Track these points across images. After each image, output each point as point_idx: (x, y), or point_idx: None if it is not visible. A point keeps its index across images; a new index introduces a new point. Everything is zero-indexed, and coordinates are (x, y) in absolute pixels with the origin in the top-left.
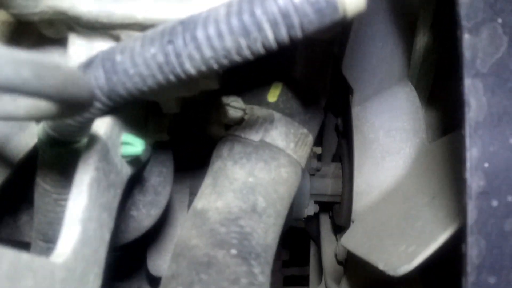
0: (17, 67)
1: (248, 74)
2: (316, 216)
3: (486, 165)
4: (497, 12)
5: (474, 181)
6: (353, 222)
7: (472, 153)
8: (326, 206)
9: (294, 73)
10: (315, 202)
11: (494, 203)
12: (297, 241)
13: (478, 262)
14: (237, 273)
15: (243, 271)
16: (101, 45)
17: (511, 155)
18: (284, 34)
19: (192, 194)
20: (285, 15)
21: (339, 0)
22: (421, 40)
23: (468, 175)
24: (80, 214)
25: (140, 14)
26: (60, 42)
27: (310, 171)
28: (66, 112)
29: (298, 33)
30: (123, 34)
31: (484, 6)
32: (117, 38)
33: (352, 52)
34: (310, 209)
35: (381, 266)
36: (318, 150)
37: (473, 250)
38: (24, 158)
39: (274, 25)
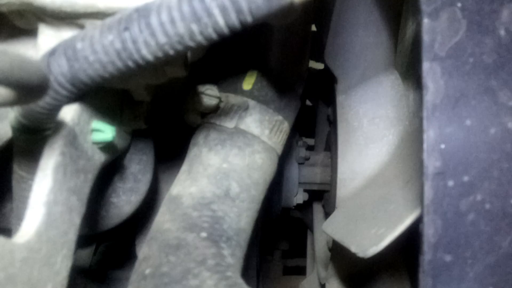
0: None
1: (223, 62)
2: (310, 205)
3: (443, 146)
4: None
5: (430, 162)
6: (336, 208)
7: (429, 134)
8: (317, 195)
9: (269, 61)
10: (305, 190)
11: (450, 183)
12: (296, 231)
13: (434, 241)
14: (205, 255)
15: (211, 252)
16: (68, 34)
17: (467, 136)
18: (234, 19)
19: None
20: (234, 0)
21: None
22: (410, 29)
23: (425, 156)
24: (44, 196)
25: (101, 3)
26: (32, 33)
27: (299, 160)
28: (21, 98)
29: (248, 18)
30: (88, 23)
31: None
32: (82, 27)
33: (334, 40)
34: (300, 198)
35: (353, 248)
36: (311, 141)
37: (430, 229)
38: (4, 147)
39: (223, 10)
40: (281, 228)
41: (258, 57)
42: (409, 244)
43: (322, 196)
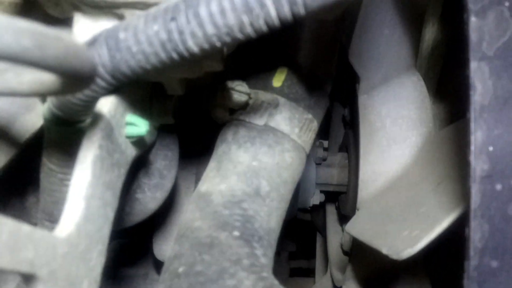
0: (17, 35)
1: (254, 59)
2: (322, 206)
3: (491, 148)
4: None
5: (478, 165)
6: (358, 210)
7: (477, 136)
8: (332, 196)
9: (300, 59)
10: (321, 191)
11: (498, 186)
12: (304, 233)
13: (480, 246)
14: (239, 254)
15: (245, 252)
16: (105, 24)
17: None
18: (286, 11)
19: (198, 181)
20: None
21: None
22: (430, 31)
23: (472, 158)
24: (84, 190)
25: None
26: (66, 22)
27: (316, 161)
28: (68, 87)
29: (301, 10)
30: (127, 13)
31: None
32: (121, 17)
33: (359, 39)
34: (316, 199)
35: (384, 250)
36: (325, 143)
37: (476, 234)
38: (31, 139)
39: (276, 1)
40: (288, 230)
41: (288, 53)
42: (430, 248)
43: (336, 197)
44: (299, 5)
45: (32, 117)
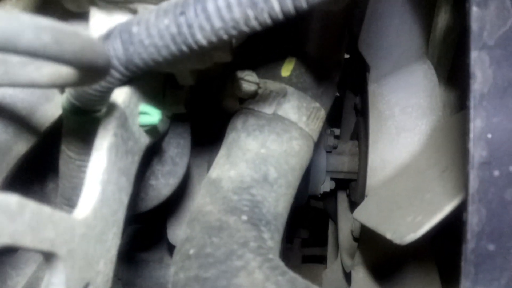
0: (38, 32)
1: (262, 49)
2: (334, 194)
3: (489, 135)
4: None
5: (476, 151)
6: (366, 197)
7: (476, 123)
8: (343, 184)
9: (308, 48)
10: (332, 178)
11: (496, 173)
12: (316, 220)
13: (478, 230)
14: (246, 237)
15: (253, 235)
16: (120, 18)
17: None
18: (289, 5)
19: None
20: None
21: None
22: (442, 19)
23: (471, 145)
24: (100, 175)
25: None
26: (82, 16)
27: (327, 148)
28: (85, 79)
29: (304, 4)
30: (140, 7)
31: None
32: (135, 12)
33: (369, 28)
34: (326, 186)
35: (388, 235)
36: (337, 131)
37: (474, 218)
38: (50, 128)
39: None
40: (301, 217)
41: (297, 43)
42: (437, 234)
43: (347, 185)
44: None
45: (51, 107)
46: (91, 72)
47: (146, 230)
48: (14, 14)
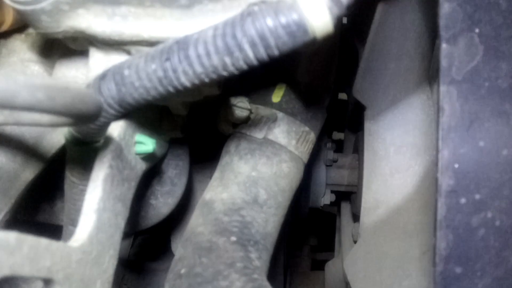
0: (32, 91)
1: (254, 76)
2: (337, 202)
3: (456, 165)
4: (475, 22)
5: (444, 180)
6: (360, 237)
7: (444, 154)
8: (343, 195)
9: (297, 75)
10: (332, 191)
11: (462, 200)
12: (325, 226)
13: (446, 254)
14: (234, 258)
15: (240, 256)
16: (116, 57)
17: (480, 156)
18: (262, 53)
19: None
20: (262, 37)
21: (308, 24)
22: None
23: (439, 174)
24: (95, 205)
25: (146, 33)
26: (84, 53)
27: (327, 162)
28: (78, 122)
29: (275, 52)
30: (133, 49)
31: (463, 16)
32: (128, 52)
33: (363, 77)
34: (327, 198)
35: None
36: (341, 135)
37: (442, 243)
38: (58, 153)
39: (253, 45)
40: (310, 224)
41: (287, 70)
42: None
43: (349, 196)
44: (273, 48)
45: (57, 135)
46: (82, 118)
47: (153, 240)
48: (11, 76)
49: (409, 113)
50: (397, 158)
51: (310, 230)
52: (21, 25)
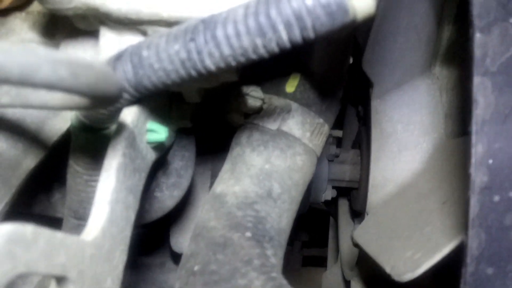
0: (55, 66)
1: (268, 64)
2: (336, 199)
3: (490, 161)
4: (509, 11)
5: (478, 176)
6: (367, 214)
7: (478, 149)
8: (344, 191)
9: (312, 65)
10: (333, 187)
11: (496, 198)
12: (316, 222)
13: (477, 254)
14: (250, 255)
15: (256, 253)
16: (129, 38)
17: None
18: (297, 35)
19: (214, 177)
20: (298, 17)
21: (349, 4)
22: (446, 30)
23: (472, 170)
24: (109, 196)
25: (165, 12)
26: (92, 33)
27: (329, 157)
28: (96, 105)
29: (311, 34)
30: (150, 29)
31: (496, 5)
32: (144, 33)
33: (373, 48)
34: (328, 194)
35: (388, 269)
36: (339, 133)
37: (474, 242)
38: (58, 141)
39: (288, 26)
40: (301, 220)
41: (302, 60)
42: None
43: (349, 192)
44: (309, 30)
45: (59, 121)
46: (103, 100)
47: (148, 235)
48: (31, 48)
49: (415, 93)
50: (405, 135)
51: (301, 226)
52: (22, 2)
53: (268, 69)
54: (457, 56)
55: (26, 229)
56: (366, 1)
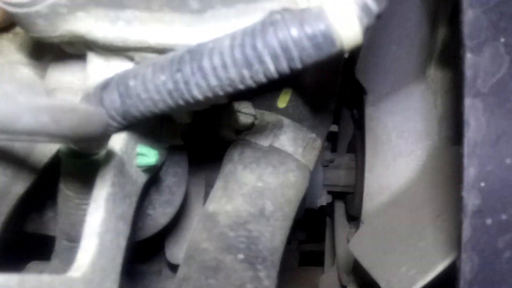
0: (36, 114)
1: None
2: (330, 203)
3: (482, 184)
4: (500, 31)
5: (470, 200)
6: (362, 223)
7: (469, 172)
8: (339, 195)
9: (304, 80)
10: (328, 192)
11: (488, 221)
12: (313, 220)
13: (470, 277)
14: (243, 279)
15: (249, 276)
16: (117, 64)
17: (507, 174)
18: (284, 66)
19: (208, 186)
20: (285, 49)
21: (336, 35)
22: (440, 33)
23: (464, 193)
24: (97, 227)
25: (152, 39)
26: (80, 56)
27: (324, 163)
28: (81, 142)
29: (298, 65)
30: (137, 55)
31: (487, 25)
32: (131, 58)
33: (366, 56)
34: (323, 200)
35: (382, 285)
36: (335, 128)
37: (466, 266)
38: (49, 162)
39: (274, 58)
40: (298, 219)
41: (293, 75)
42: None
43: (344, 196)
44: (296, 61)
45: (49, 145)
46: (87, 140)
47: (145, 243)
48: (11, 96)
49: (409, 100)
50: (399, 142)
51: (298, 224)
52: (8, 23)
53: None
54: (452, 57)
55: (11, 280)
56: (353, 31)
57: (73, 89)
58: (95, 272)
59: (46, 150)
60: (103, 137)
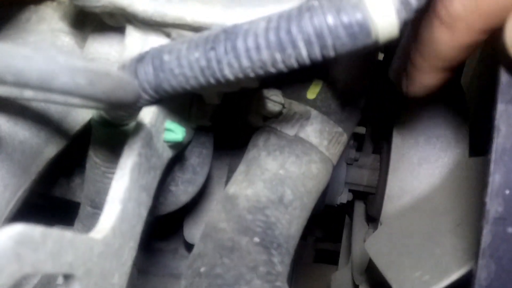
0: (73, 74)
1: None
2: (351, 201)
3: (507, 192)
4: None
5: (492, 206)
6: (381, 224)
7: (495, 178)
8: (361, 195)
9: (335, 73)
10: (350, 190)
11: (510, 229)
12: (331, 218)
13: (485, 284)
14: (257, 261)
15: (263, 259)
16: (154, 39)
17: None
18: (317, 53)
19: (231, 172)
20: (319, 36)
21: (372, 25)
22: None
23: (488, 199)
24: (121, 194)
25: (189, 17)
26: (119, 29)
27: (348, 161)
28: (114, 109)
29: (331, 53)
30: (174, 32)
31: None
32: (168, 35)
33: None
34: (344, 197)
35: (395, 287)
36: (362, 130)
37: (483, 273)
38: (80, 130)
39: (308, 44)
40: (316, 215)
41: (325, 67)
42: None
43: (365, 196)
44: (329, 49)
45: (82, 112)
46: (120, 106)
47: (163, 221)
48: (51, 55)
49: (441, 105)
50: (427, 148)
51: (316, 221)
52: None
53: (290, 73)
54: (488, 67)
55: (35, 231)
56: (390, 23)
57: (110, 60)
58: (115, 237)
59: (79, 118)
60: (134, 108)
